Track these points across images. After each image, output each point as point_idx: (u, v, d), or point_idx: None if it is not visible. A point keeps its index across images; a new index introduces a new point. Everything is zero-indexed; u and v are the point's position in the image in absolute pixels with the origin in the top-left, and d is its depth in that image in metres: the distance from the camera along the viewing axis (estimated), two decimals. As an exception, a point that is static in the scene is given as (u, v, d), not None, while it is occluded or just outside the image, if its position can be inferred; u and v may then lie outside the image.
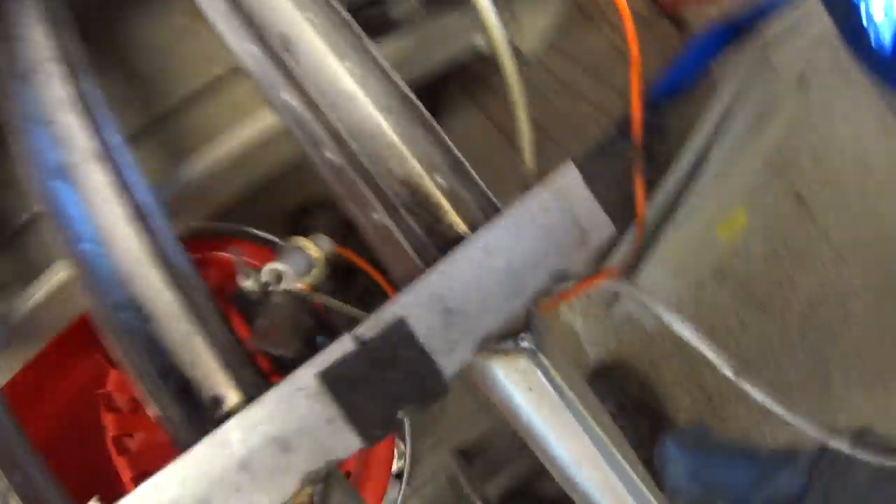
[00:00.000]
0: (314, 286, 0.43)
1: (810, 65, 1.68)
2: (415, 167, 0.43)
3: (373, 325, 0.36)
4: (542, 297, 0.40)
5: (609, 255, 1.48)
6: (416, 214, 0.42)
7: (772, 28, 1.44)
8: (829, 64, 1.71)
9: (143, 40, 0.71)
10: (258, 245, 0.95)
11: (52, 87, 0.46)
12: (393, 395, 0.36)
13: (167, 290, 0.39)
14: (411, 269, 0.39)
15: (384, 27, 0.70)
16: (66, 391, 0.92)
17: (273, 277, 0.38)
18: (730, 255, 1.81)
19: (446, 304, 0.37)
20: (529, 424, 0.43)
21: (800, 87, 1.72)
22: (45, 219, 0.41)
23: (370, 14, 0.67)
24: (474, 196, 0.43)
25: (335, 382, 0.36)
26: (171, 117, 0.70)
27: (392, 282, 0.43)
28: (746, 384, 0.43)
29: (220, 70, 0.67)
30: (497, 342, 0.40)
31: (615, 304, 1.63)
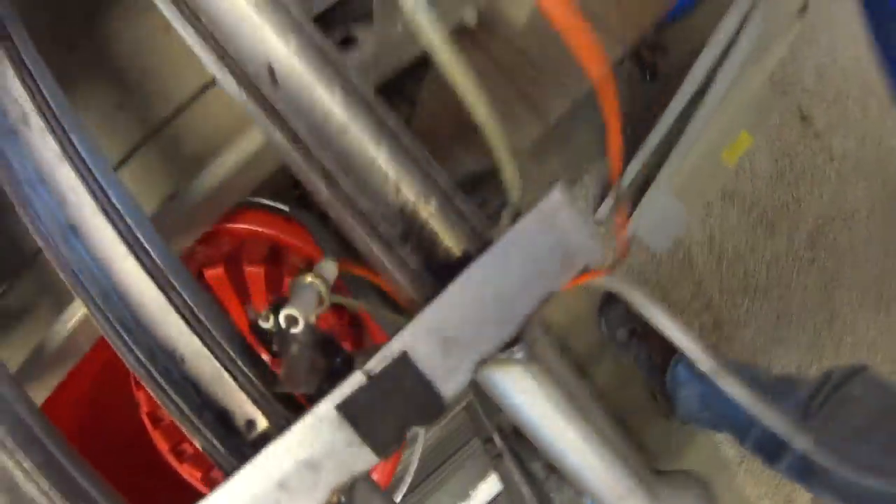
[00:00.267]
0: (327, 307, 0.48)
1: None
2: (409, 198, 0.46)
3: (380, 360, 0.41)
4: (531, 316, 0.44)
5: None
6: (412, 244, 0.45)
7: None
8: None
9: (130, 42, 0.71)
10: (271, 214, 0.98)
11: (41, 142, 0.48)
12: (400, 418, 0.42)
13: (193, 335, 0.43)
14: (410, 303, 0.44)
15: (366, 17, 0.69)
16: (87, 373, 0.93)
17: (289, 321, 0.43)
18: (736, 177, 1.82)
19: (444, 334, 0.42)
20: (524, 420, 0.49)
21: (801, 14, 1.67)
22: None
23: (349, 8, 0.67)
24: (468, 220, 0.46)
25: (351, 412, 0.41)
26: (171, 123, 0.72)
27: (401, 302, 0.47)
28: (729, 385, 0.47)
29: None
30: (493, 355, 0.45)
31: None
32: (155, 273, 0.45)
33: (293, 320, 0.42)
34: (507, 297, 0.43)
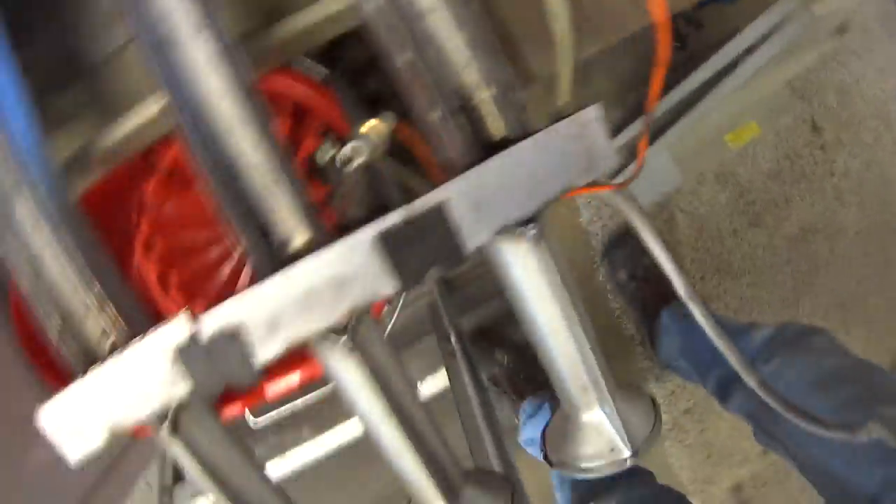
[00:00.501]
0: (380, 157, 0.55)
1: (853, 16, 1.66)
2: (472, 79, 0.52)
3: (420, 205, 0.48)
4: (550, 202, 0.51)
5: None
6: (465, 119, 0.52)
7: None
8: (873, 14, 1.68)
9: None
10: (305, 76, 1.01)
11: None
12: (427, 258, 0.49)
13: (257, 150, 0.50)
14: (454, 166, 0.50)
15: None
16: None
17: (349, 154, 0.49)
18: (735, 160, 1.88)
19: (477, 198, 0.49)
20: (517, 293, 0.57)
21: (839, 34, 1.71)
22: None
23: None
24: (516, 112, 0.53)
25: (387, 242, 0.48)
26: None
27: (439, 164, 0.54)
28: (695, 309, 0.55)
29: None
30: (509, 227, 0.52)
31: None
32: (237, 89, 0.50)
33: (352, 153, 0.49)
34: (535, 180, 0.50)
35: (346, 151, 0.49)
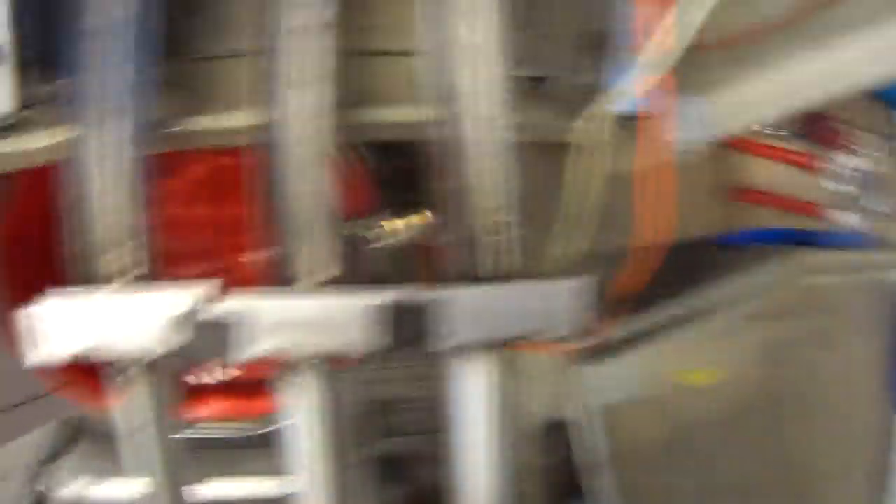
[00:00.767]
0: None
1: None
2: (498, 220, 0.64)
3: (423, 295, 0.59)
4: (515, 340, 0.62)
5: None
6: (474, 246, 0.64)
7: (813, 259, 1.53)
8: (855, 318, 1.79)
9: None
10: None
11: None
12: (408, 337, 0.59)
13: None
14: (455, 276, 0.62)
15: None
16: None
17: (385, 234, 0.61)
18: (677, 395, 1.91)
19: (463, 310, 0.59)
20: (458, 407, 0.65)
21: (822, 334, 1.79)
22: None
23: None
24: (516, 254, 0.64)
25: (385, 311, 0.58)
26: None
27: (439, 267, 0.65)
28: None
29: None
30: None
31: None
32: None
33: (393, 235, 0.60)
34: (506, 315, 0.61)
35: (382, 231, 0.60)
